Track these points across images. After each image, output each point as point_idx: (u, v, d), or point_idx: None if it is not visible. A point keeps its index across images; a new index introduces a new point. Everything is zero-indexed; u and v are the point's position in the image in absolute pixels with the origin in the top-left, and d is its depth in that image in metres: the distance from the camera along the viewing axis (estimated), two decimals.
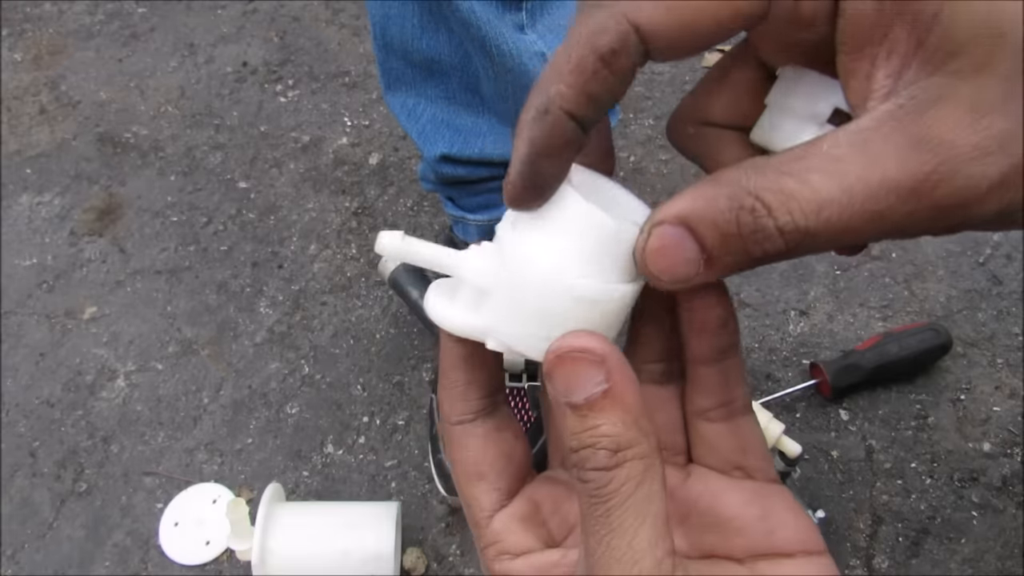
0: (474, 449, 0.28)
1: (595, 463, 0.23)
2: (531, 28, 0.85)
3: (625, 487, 0.23)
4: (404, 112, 0.96)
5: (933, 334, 1.03)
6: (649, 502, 0.23)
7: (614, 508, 0.23)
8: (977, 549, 0.94)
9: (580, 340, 0.23)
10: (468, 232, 1.02)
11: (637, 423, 0.23)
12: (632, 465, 0.23)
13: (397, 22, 0.88)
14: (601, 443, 0.23)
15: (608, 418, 0.23)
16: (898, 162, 0.20)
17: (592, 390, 0.23)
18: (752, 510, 0.27)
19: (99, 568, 0.99)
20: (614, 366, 0.23)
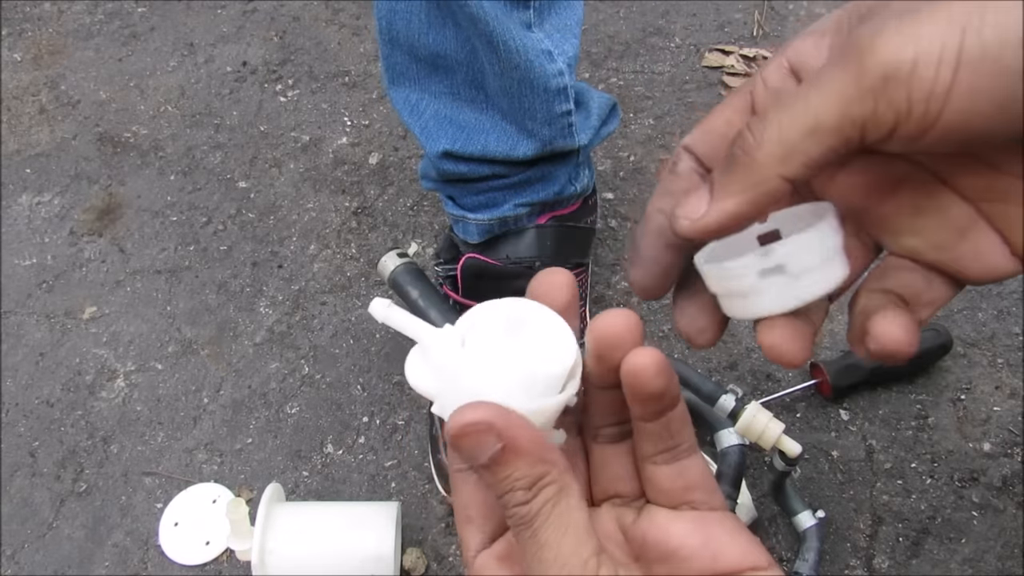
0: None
1: (516, 500, 0.27)
2: (538, 27, 0.86)
3: (544, 509, 0.27)
4: (407, 107, 0.96)
5: (933, 334, 1.03)
6: (567, 515, 0.27)
7: (539, 528, 0.27)
8: (977, 549, 0.94)
9: (468, 415, 0.27)
10: (468, 231, 1.02)
11: (541, 459, 0.27)
12: (546, 491, 0.27)
13: (403, 16, 0.88)
14: (516, 485, 0.27)
15: (514, 466, 0.27)
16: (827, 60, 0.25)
17: (491, 452, 0.27)
18: (695, 539, 0.31)
19: (99, 568, 0.99)
20: (503, 426, 0.27)
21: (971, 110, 0.23)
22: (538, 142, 0.92)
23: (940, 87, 0.22)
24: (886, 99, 0.23)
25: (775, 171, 0.25)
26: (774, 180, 0.26)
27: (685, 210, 0.28)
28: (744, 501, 0.93)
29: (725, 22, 1.51)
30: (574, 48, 0.90)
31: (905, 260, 0.31)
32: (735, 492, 0.89)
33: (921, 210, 0.29)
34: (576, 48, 0.91)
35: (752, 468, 1.00)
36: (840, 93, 0.24)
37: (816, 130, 0.24)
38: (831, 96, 0.24)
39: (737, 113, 0.31)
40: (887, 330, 0.28)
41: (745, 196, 0.26)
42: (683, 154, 0.32)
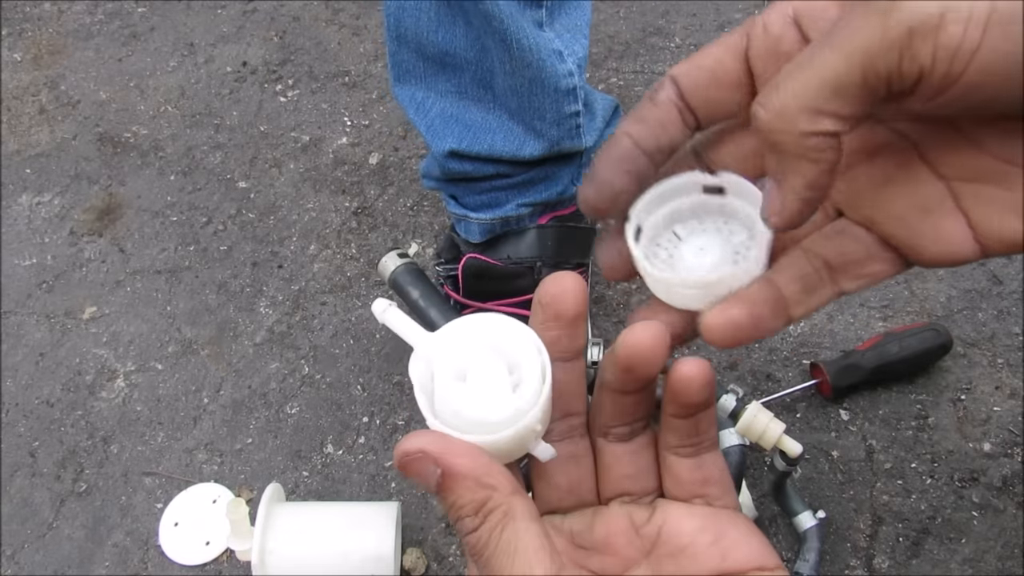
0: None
1: (465, 528, 0.28)
2: (549, 26, 0.86)
3: (492, 537, 0.27)
4: (412, 105, 0.96)
5: (933, 334, 1.03)
6: (515, 539, 0.27)
7: (490, 558, 0.27)
8: (977, 549, 0.94)
9: (407, 444, 0.28)
10: (470, 231, 1.02)
11: (480, 483, 0.28)
12: (492, 517, 0.27)
13: (412, 14, 0.88)
14: (463, 511, 0.28)
15: (456, 492, 0.28)
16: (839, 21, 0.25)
17: (432, 479, 0.28)
18: (705, 536, 0.31)
19: (99, 568, 0.99)
20: (438, 453, 0.28)
21: (993, 71, 0.22)
22: (546, 142, 0.92)
23: (968, 44, 0.22)
24: (911, 53, 0.23)
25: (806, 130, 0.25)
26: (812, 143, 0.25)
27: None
28: (744, 501, 0.93)
29: (725, 22, 1.51)
30: (583, 49, 0.90)
31: (859, 228, 0.30)
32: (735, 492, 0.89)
33: (891, 181, 0.29)
34: (585, 49, 0.91)
35: (752, 468, 1.00)
36: (864, 47, 0.23)
37: (840, 88, 0.24)
38: (855, 50, 0.23)
39: (729, 52, 0.30)
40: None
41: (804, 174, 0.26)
42: (667, 83, 0.31)
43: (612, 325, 1.13)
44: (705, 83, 0.30)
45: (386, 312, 0.32)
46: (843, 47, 0.23)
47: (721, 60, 0.30)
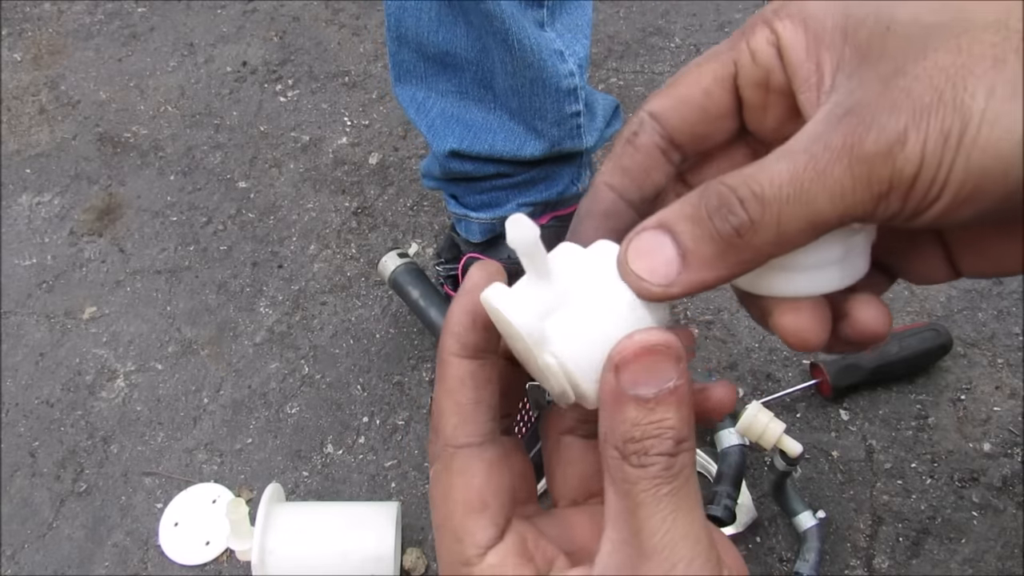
0: (480, 475, 0.27)
1: (662, 448, 0.24)
2: (550, 26, 0.86)
3: (684, 472, 0.24)
4: (413, 105, 0.96)
5: (933, 334, 1.03)
6: (697, 492, 0.25)
7: (679, 488, 0.24)
8: (977, 549, 0.94)
9: (663, 336, 0.25)
10: (471, 230, 1.02)
11: (691, 423, 0.25)
12: (687, 455, 0.25)
13: (413, 14, 0.88)
14: (667, 433, 0.24)
15: (674, 413, 0.24)
16: (833, 130, 0.23)
17: (664, 384, 0.24)
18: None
19: (99, 568, 0.99)
20: (685, 366, 0.25)
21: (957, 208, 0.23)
22: (546, 142, 0.92)
23: (936, 189, 0.23)
24: (887, 202, 0.23)
25: (767, 253, 0.25)
26: (761, 258, 0.25)
27: (652, 273, 0.26)
28: (744, 501, 0.93)
29: (725, 22, 1.51)
30: (584, 49, 0.90)
31: None
32: (735, 492, 0.89)
33: None
34: (586, 49, 0.91)
35: (752, 468, 1.00)
36: (844, 198, 0.23)
37: (815, 225, 0.24)
38: (836, 199, 0.23)
39: (718, 83, 0.28)
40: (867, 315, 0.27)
41: (728, 270, 0.25)
42: (647, 122, 0.29)
43: None
44: (693, 119, 0.28)
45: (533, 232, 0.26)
46: (831, 189, 0.23)
47: (710, 92, 0.28)
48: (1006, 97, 0.21)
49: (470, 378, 0.27)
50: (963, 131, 0.22)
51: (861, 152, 0.23)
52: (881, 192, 0.23)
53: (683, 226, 0.25)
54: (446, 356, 0.28)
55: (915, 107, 0.22)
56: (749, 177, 0.24)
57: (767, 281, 0.27)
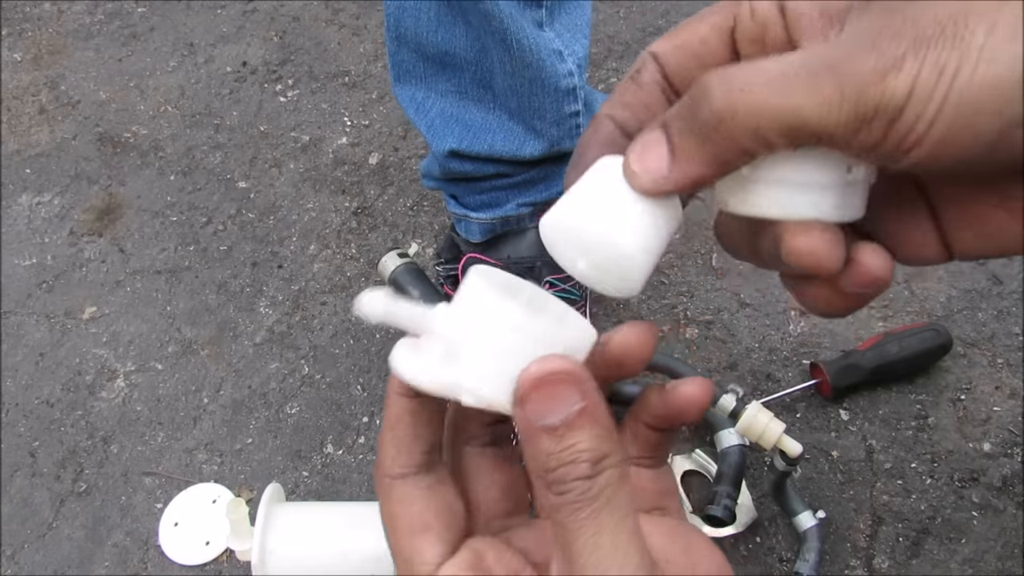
0: (418, 500, 0.29)
1: (577, 473, 0.24)
2: (549, 26, 0.86)
3: (606, 491, 0.24)
4: (412, 105, 0.96)
5: (933, 334, 1.03)
6: (627, 505, 0.25)
7: (599, 509, 0.24)
8: (977, 549, 0.94)
9: (557, 363, 0.25)
10: (470, 230, 1.02)
11: (610, 436, 0.25)
12: (610, 472, 0.25)
13: (412, 14, 0.88)
14: (581, 457, 0.24)
15: (585, 435, 0.24)
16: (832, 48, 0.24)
17: (568, 410, 0.24)
18: (676, 545, 0.29)
19: (99, 568, 0.99)
20: (589, 386, 0.25)
21: (943, 152, 0.23)
22: (546, 142, 0.92)
23: (921, 128, 0.23)
24: (869, 128, 0.23)
25: (742, 144, 0.25)
26: (737, 153, 0.25)
27: (646, 165, 0.27)
28: (744, 501, 0.93)
29: None
30: (584, 49, 0.91)
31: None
32: (735, 492, 0.89)
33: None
34: (585, 49, 0.91)
35: (752, 468, 1.00)
36: (830, 111, 0.23)
37: (793, 130, 0.24)
38: (820, 108, 0.23)
39: (716, 33, 0.29)
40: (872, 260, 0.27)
41: (711, 165, 0.26)
42: (649, 62, 0.30)
43: (612, 325, 1.13)
44: (689, 63, 0.29)
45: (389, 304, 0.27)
46: (818, 92, 0.23)
47: (706, 40, 0.29)
48: (1006, 37, 0.21)
49: (408, 415, 0.29)
50: (959, 66, 0.22)
51: (854, 69, 0.23)
52: (866, 115, 0.23)
53: (674, 121, 0.26)
54: (389, 393, 0.29)
55: (916, 36, 0.22)
56: (736, 69, 0.25)
57: (767, 197, 0.27)
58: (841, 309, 0.28)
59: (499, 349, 0.26)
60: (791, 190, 0.26)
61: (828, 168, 0.26)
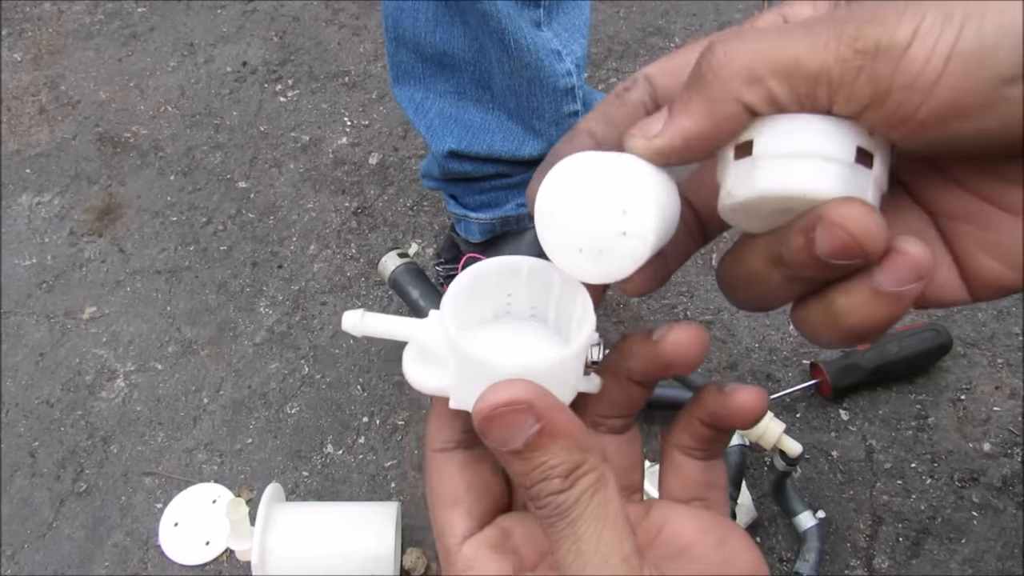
0: (452, 475, 0.30)
1: (550, 489, 0.25)
2: (547, 26, 0.86)
3: (582, 499, 0.25)
4: (412, 106, 0.96)
5: (933, 334, 1.03)
6: (606, 506, 0.25)
7: (576, 519, 0.25)
8: (977, 549, 0.94)
9: (500, 395, 0.25)
10: (470, 230, 1.02)
11: (579, 445, 0.25)
12: (584, 480, 0.25)
13: (410, 15, 0.88)
14: (552, 473, 0.25)
15: (551, 451, 0.25)
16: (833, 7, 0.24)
17: (527, 433, 0.25)
18: (709, 539, 0.30)
19: (99, 568, 0.99)
20: (541, 406, 0.25)
21: (953, 108, 0.22)
22: (545, 142, 0.92)
23: (928, 76, 0.21)
24: (870, 71, 0.22)
25: (736, 93, 0.24)
26: (733, 103, 0.24)
27: (641, 128, 0.26)
28: (744, 501, 0.93)
29: (725, 22, 1.51)
30: (582, 48, 0.91)
31: None
32: (735, 492, 0.89)
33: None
34: (584, 48, 0.91)
35: (752, 468, 1.00)
36: (828, 46, 0.22)
37: (789, 72, 0.23)
38: (817, 45, 0.22)
39: None
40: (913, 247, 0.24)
41: (703, 116, 0.24)
42: (639, 82, 0.29)
43: (612, 325, 1.13)
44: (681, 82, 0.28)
45: (364, 320, 0.29)
46: (815, 38, 0.22)
47: None
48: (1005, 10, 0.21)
49: None
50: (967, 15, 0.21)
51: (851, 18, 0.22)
52: (866, 49, 0.22)
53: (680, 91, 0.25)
54: None
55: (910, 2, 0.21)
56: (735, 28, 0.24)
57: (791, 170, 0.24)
58: (877, 319, 0.24)
59: (467, 373, 0.27)
60: (815, 161, 0.24)
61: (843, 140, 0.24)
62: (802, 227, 0.24)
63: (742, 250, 0.28)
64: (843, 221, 0.22)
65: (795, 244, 0.24)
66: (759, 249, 0.26)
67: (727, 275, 0.29)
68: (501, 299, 0.31)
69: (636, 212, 0.26)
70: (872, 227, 0.23)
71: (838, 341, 0.26)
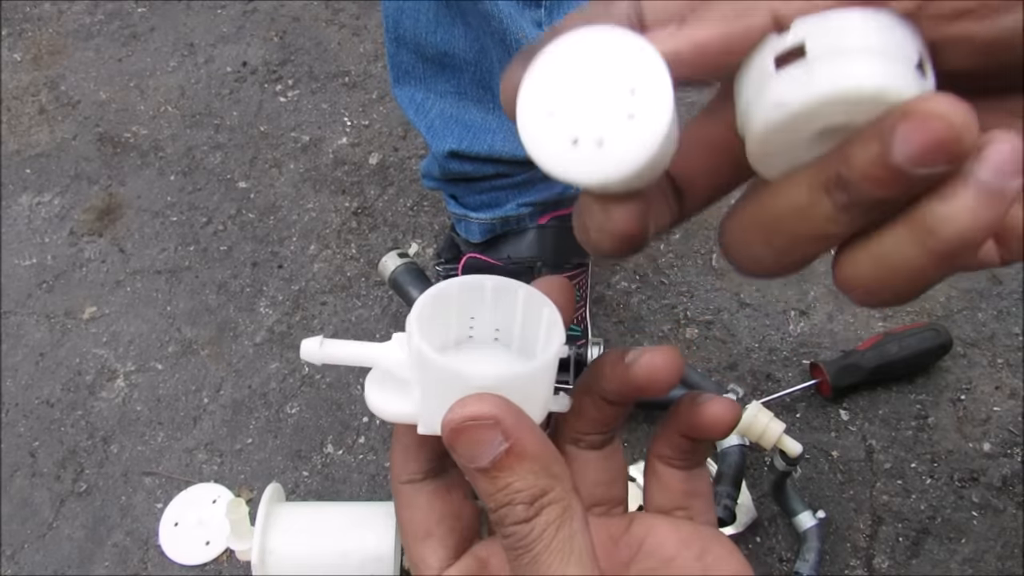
0: (421, 507, 0.29)
1: (514, 517, 0.24)
2: (548, 26, 0.86)
3: (547, 532, 0.24)
4: (412, 106, 0.96)
5: (933, 334, 1.03)
6: (571, 541, 0.24)
7: (540, 554, 0.24)
8: (977, 549, 0.94)
9: (469, 408, 0.24)
10: (471, 231, 1.02)
11: (547, 470, 0.24)
12: (550, 510, 0.24)
13: (411, 15, 0.88)
14: (517, 498, 0.24)
15: (518, 473, 0.24)
16: None
17: (495, 451, 0.24)
18: (690, 550, 0.29)
19: (99, 568, 0.99)
20: (510, 424, 0.24)
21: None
22: None
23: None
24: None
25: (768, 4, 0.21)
26: (762, 14, 0.21)
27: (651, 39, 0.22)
28: (744, 501, 0.94)
29: None
30: None
31: None
32: (735, 492, 0.89)
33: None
34: None
35: (752, 468, 1.00)
36: None
37: None
38: None
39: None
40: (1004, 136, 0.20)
41: (724, 26, 0.21)
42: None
43: (612, 325, 1.13)
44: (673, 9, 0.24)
45: (323, 347, 0.28)
46: None
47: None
48: None
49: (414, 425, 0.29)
50: None
51: None
52: None
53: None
54: None
55: None
56: None
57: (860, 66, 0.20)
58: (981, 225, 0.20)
59: (435, 391, 0.26)
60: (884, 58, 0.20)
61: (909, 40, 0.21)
62: (874, 133, 0.19)
63: (769, 190, 0.23)
64: (941, 112, 0.19)
65: (864, 155, 0.20)
66: (801, 179, 0.22)
67: (739, 228, 0.24)
68: (464, 322, 0.30)
69: (647, 90, 0.21)
70: (970, 121, 0.19)
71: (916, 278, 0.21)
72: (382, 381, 0.28)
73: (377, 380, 0.28)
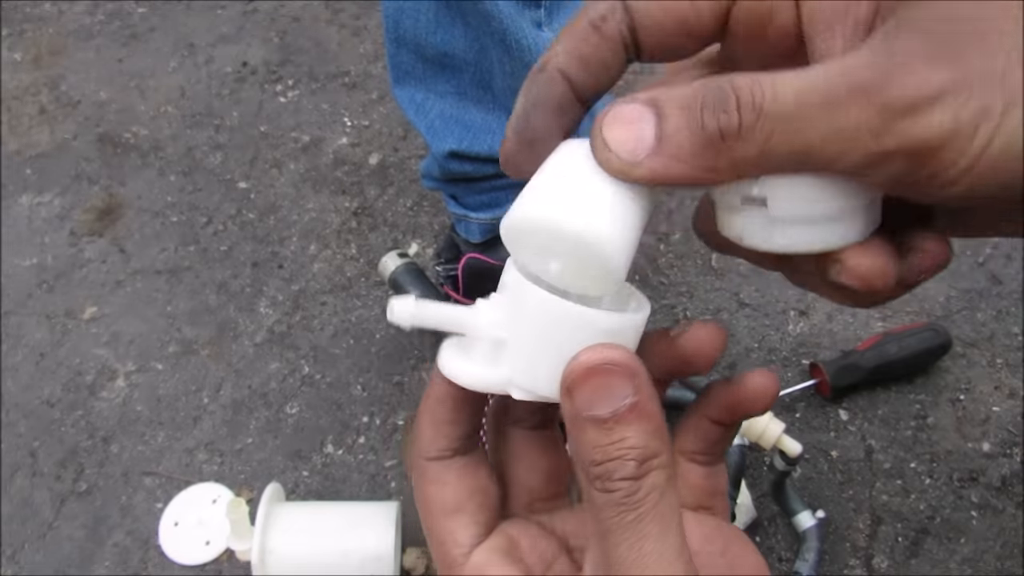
0: (451, 483, 0.29)
1: (624, 473, 0.23)
2: (548, 26, 0.86)
3: (652, 495, 0.23)
4: (412, 107, 0.96)
5: (933, 334, 1.03)
6: (673, 510, 0.23)
7: (645, 514, 0.23)
8: (976, 549, 0.94)
9: (610, 352, 0.23)
10: (470, 231, 1.02)
11: (660, 434, 0.23)
12: (657, 474, 0.23)
13: (411, 15, 0.88)
14: (629, 454, 0.23)
15: (635, 430, 0.23)
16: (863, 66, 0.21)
17: (619, 403, 0.23)
18: (714, 546, 0.29)
19: (99, 568, 0.99)
20: (643, 379, 0.23)
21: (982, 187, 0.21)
22: None
23: (964, 163, 0.20)
24: (905, 166, 0.21)
25: (743, 167, 0.22)
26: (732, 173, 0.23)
27: (620, 145, 0.23)
28: (744, 501, 0.94)
29: None
30: None
31: None
32: (735, 492, 0.89)
33: None
34: None
35: (752, 468, 1.00)
36: (846, 137, 0.21)
37: (805, 156, 0.22)
38: (837, 132, 0.21)
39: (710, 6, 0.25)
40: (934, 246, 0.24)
41: (697, 172, 0.23)
42: (620, 11, 0.25)
43: None
44: (670, 28, 0.25)
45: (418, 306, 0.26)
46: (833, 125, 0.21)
47: (699, 10, 0.25)
48: None
49: (450, 399, 0.28)
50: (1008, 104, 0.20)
51: (882, 98, 0.20)
52: (887, 150, 0.21)
53: (671, 109, 0.23)
54: (434, 375, 0.28)
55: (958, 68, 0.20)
56: (756, 82, 0.22)
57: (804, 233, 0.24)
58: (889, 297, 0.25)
59: (548, 343, 0.25)
60: (828, 223, 0.23)
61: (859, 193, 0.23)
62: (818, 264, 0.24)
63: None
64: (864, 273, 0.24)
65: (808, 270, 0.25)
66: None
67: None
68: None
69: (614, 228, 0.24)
70: (890, 273, 0.24)
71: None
72: (466, 347, 0.27)
73: (458, 346, 0.27)
